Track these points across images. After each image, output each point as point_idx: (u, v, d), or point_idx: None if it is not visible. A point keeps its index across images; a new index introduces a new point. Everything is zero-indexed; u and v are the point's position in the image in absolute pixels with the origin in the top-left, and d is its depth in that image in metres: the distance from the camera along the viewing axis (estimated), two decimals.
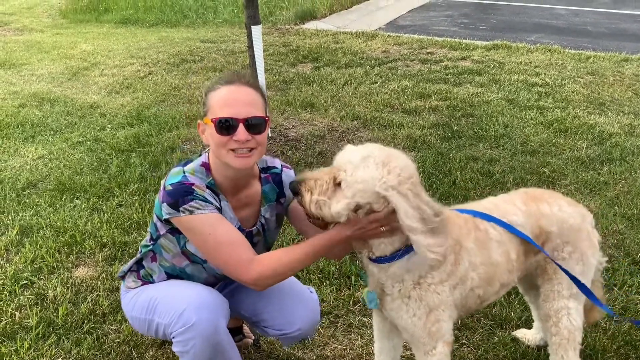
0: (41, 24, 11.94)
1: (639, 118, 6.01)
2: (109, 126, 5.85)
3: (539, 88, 6.89)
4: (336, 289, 3.31)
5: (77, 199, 4.34)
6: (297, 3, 12.04)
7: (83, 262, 3.58)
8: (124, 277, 2.51)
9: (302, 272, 3.38)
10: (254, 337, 2.94)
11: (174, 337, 2.20)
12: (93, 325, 3.01)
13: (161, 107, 6.38)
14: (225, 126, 2.11)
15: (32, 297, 3.23)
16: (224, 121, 2.11)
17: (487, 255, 2.20)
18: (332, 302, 3.20)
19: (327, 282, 3.36)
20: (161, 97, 6.75)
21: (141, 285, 2.43)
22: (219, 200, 2.23)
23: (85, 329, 2.99)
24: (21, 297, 3.22)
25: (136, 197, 4.32)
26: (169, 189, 2.14)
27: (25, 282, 3.37)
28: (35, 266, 3.51)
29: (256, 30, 5.11)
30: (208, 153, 2.27)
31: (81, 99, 6.76)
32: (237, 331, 2.86)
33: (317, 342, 2.93)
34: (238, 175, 2.24)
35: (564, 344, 2.40)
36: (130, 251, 3.64)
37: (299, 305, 2.49)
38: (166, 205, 2.13)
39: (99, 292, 3.27)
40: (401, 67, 7.87)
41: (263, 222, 2.40)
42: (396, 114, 6.08)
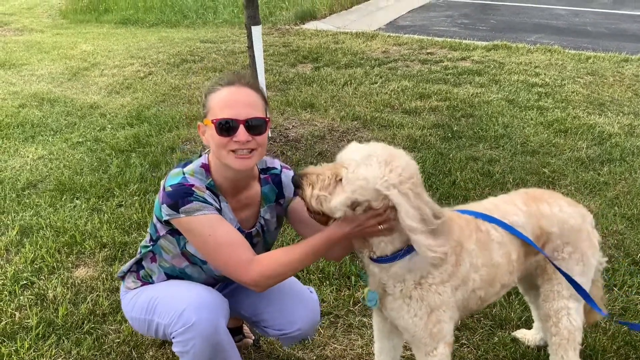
0: (41, 24, 11.94)
1: (639, 118, 6.01)
2: (109, 126, 5.85)
3: (539, 88, 6.89)
4: (336, 289, 3.31)
5: (77, 199, 4.34)
6: (297, 3, 12.04)
7: (83, 263, 3.58)
8: (123, 278, 2.52)
9: (302, 272, 3.39)
10: (254, 337, 2.94)
11: (173, 337, 2.20)
12: (93, 326, 3.02)
13: (161, 108, 6.38)
14: (226, 127, 2.11)
15: (32, 297, 3.23)
16: (224, 122, 2.11)
17: (489, 256, 2.20)
18: (332, 303, 3.20)
19: (327, 282, 3.36)
20: (161, 97, 6.75)
21: (141, 286, 2.43)
22: (218, 201, 2.22)
23: (85, 329, 2.99)
24: (21, 298, 3.23)
25: (136, 198, 4.32)
26: (169, 190, 2.14)
27: (25, 282, 3.37)
28: (35, 266, 3.51)
29: (256, 30, 5.12)
30: (208, 154, 2.27)
31: (81, 99, 6.76)
32: (237, 331, 2.86)
33: (317, 342, 2.93)
34: (238, 176, 2.24)
35: (563, 344, 2.41)
36: (130, 251, 3.64)
37: (299, 305, 2.50)
38: (166, 207, 2.13)
39: (99, 292, 3.27)
40: (401, 67, 7.87)
41: (262, 223, 2.40)
42: (396, 114, 6.08)
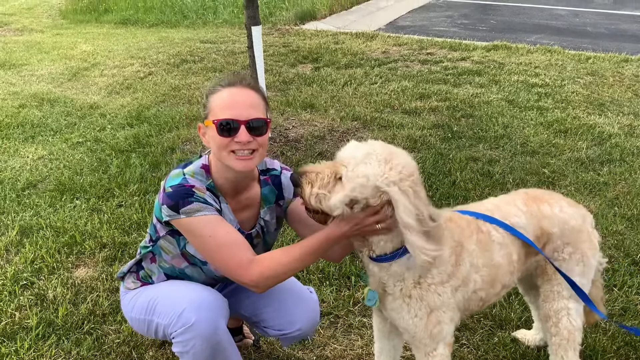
0: (41, 24, 11.94)
1: (638, 119, 6.01)
2: (109, 127, 5.85)
3: (538, 89, 6.90)
4: (336, 289, 3.31)
5: (77, 199, 4.34)
6: (297, 4, 12.05)
7: (83, 263, 3.58)
8: (123, 278, 2.52)
9: (302, 272, 3.39)
10: (254, 337, 2.94)
11: (173, 338, 2.20)
12: (93, 326, 3.02)
13: (161, 108, 6.38)
14: (227, 128, 2.11)
15: (32, 297, 3.23)
16: (225, 123, 2.11)
17: (490, 257, 2.19)
18: (332, 303, 3.20)
19: (327, 282, 3.36)
20: (161, 97, 6.75)
21: (140, 286, 2.43)
22: (219, 202, 2.22)
23: (85, 330, 2.99)
24: (21, 298, 3.22)
25: (136, 198, 4.32)
26: (169, 191, 2.14)
27: (25, 282, 3.37)
28: (35, 266, 3.51)
29: (256, 30, 5.12)
30: (208, 155, 2.27)
31: (81, 99, 6.76)
32: (237, 331, 2.87)
33: (317, 342, 2.93)
34: (239, 177, 2.24)
35: (563, 345, 2.41)
36: (130, 252, 3.64)
37: (298, 305, 2.50)
38: (166, 208, 2.13)
39: (99, 292, 3.27)
40: (401, 67, 7.87)
41: (262, 225, 2.40)
42: (396, 115, 6.08)
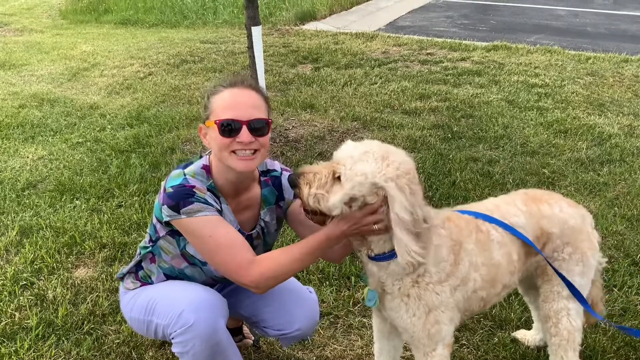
0: (41, 24, 11.94)
1: (638, 119, 6.01)
2: (109, 127, 5.85)
3: (538, 89, 6.90)
4: (336, 289, 3.31)
5: (77, 199, 4.34)
6: (297, 4, 12.05)
7: (83, 263, 3.58)
8: (122, 279, 2.51)
9: (302, 272, 3.39)
10: (253, 337, 2.94)
11: (173, 338, 2.20)
12: (93, 326, 3.02)
13: (161, 108, 6.38)
14: (229, 128, 2.11)
15: (31, 297, 3.23)
16: (227, 123, 2.11)
17: (489, 256, 2.19)
18: (332, 303, 3.20)
19: (327, 282, 3.36)
20: (161, 97, 6.75)
21: (140, 287, 2.43)
22: (219, 202, 2.22)
23: (85, 330, 2.99)
24: (21, 298, 3.22)
25: (136, 198, 4.32)
26: (170, 192, 2.14)
27: (25, 282, 3.37)
28: (35, 267, 3.51)
29: (256, 31, 5.12)
30: (208, 156, 2.27)
31: (81, 99, 6.76)
32: (236, 331, 2.87)
33: (317, 342, 2.93)
34: (240, 178, 2.24)
35: (563, 345, 2.41)
36: (130, 252, 3.64)
37: (298, 305, 2.50)
38: (167, 208, 2.13)
39: (99, 292, 3.27)
40: (401, 68, 7.88)
41: (263, 226, 2.40)
42: (396, 115, 6.09)
